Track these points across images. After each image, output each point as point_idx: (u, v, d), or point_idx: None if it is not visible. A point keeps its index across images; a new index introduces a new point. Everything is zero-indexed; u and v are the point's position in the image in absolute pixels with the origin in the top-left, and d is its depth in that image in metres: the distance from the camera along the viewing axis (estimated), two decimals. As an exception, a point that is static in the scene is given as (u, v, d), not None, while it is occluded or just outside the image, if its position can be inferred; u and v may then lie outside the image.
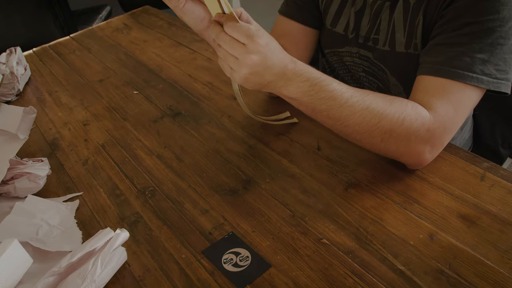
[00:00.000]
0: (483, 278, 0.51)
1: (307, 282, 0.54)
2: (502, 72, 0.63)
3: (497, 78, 0.63)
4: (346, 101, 0.61)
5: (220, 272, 0.57)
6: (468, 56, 0.62)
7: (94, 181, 0.76)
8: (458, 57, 0.63)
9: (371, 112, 0.61)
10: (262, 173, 0.71)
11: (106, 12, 2.13)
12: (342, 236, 0.59)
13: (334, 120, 0.62)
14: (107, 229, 0.57)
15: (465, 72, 0.62)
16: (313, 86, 0.60)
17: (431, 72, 0.65)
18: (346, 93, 0.61)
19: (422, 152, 0.63)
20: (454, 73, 0.62)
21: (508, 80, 0.64)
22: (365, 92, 0.62)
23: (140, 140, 0.84)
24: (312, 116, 0.65)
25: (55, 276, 0.54)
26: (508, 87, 0.64)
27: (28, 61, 1.19)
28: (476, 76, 0.62)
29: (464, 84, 0.62)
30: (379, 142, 0.63)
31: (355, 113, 0.61)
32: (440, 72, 0.64)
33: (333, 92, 0.61)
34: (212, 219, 0.65)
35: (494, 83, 0.63)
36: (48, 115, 0.98)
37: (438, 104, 0.63)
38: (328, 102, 0.61)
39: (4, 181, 0.73)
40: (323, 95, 0.60)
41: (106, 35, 1.33)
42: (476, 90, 0.63)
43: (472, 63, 0.62)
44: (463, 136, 0.91)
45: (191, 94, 0.96)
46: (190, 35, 1.23)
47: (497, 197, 0.60)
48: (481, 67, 0.62)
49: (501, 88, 0.63)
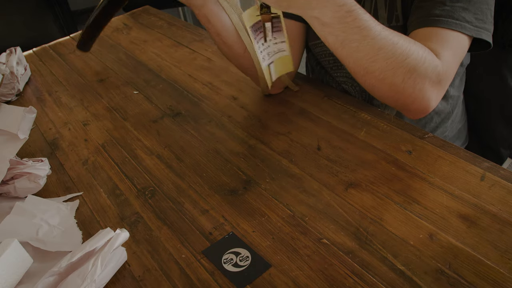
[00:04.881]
0: (483, 278, 0.51)
1: (307, 282, 0.54)
2: (480, 21, 0.65)
3: (477, 26, 0.65)
4: (379, 33, 0.58)
5: (220, 272, 0.57)
6: (448, 6, 0.65)
7: (94, 181, 0.76)
8: (438, 8, 0.65)
9: (400, 47, 0.59)
10: (262, 173, 0.71)
11: (106, 12, 2.13)
12: (342, 236, 0.59)
13: (363, 53, 0.59)
14: (107, 229, 0.57)
15: (448, 19, 0.64)
16: (350, 13, 0.56)
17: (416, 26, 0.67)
18: (378, 26, 0.58)
19: (431, 98, 0.64)
20: (438, 21, 0.65)
21: (487, 30, 0.66)
22: (390, 29, 0.60)
23: (140, 140, 0.84)
24: (338, 49, 0.60)
25: (55, 276, 0.54)
26: (489, 36, 0.67)
27: (28, 61, 1.19)
28: (459, 23, 0.64)
29: (451, 30, 0.65)
30: (400, 82, 0.61)
31: (386, 47, 0.59)
32: (424, 22, 0.66)
33: (368, 22, 0.57)
34: (212, 219, 0.65)
35: (476, 30, 0.65)
36: (48, 115, 0.98)
37: (440, 49, 0.64)
38: (362, 31, 0.57)
39: (4, 181, 0.73)
40: (358, 23, 0.57)
41: (106, 35, 1.33)
42: (462, 36, 0.66)
43: (452, 10, 0.65)
44: (454, 125, 0.92)
45: (191, 94, 0.96)
46: (190, 35, 1.23)
47: (497, 197, 0.60)
48: (462, 14, 0.65)
49: (482, 35, 0.66)
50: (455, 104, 0.89)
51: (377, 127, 0.76)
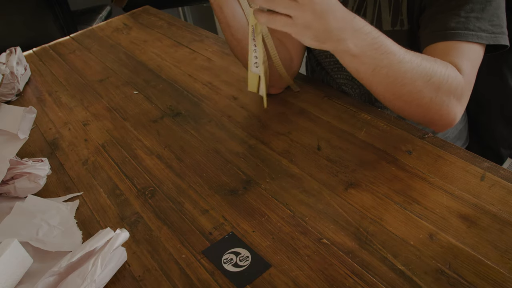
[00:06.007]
0: (483, 278, 0.51)
1: (307, 282, 0.54)
2: (497, 27, 0.67)
3: (494, 32, 0.67)
4: (404, 57, 0.60)
5: (220, 272, 0.57)
6: (463, 17, 0.66)
7: (94, 181, 0.76)
8: (453, 20, 0.66)
9: (424, 68, 0.61)
10: (262, 173, 0.71)
11: (106, 12, 2.13)
12: (342, 236, 0.59)
13: (392, 78, 0.61)
14: (107, 229, 0.57)
15: (464, 31, 0.65)
16: (375, 39, 0.58)
17: (433, 40, 0.68)
18: (401, 49, 0.60)
19: (457, 112, 0.66)
20: (454, 34, 0.66)
21: (504, 33, 0.68)
22: (411, 51, 0.62)
23: (140, 140, 0.84)
24: (369, 78, 0.63)
25: (55, 276, 0.54)
26: (506, 39, 0.68)
27: (28, 61, 1.19)
28: (476, 33, 0.66)
29: (467, 42, 0.66)
30: (427, 102, 0.64)
31: (412, 70, 0.61)
32: (441, 36, 0.67)
33: (392, 47, 0.60)
34: (212, 219, 0.65)
35: (492, 37, 0.66)
36: (48, 115, 0.98)
37: (460, 63, 0.65)
38: (389, 56, 0.59)
39: (4, 181, 0.73)
40: (384, 49, 0.59)
41: (106, 35, 1.33)
42: (478, 46, 0.67)
43: (467, 22, 0.66)
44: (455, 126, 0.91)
45: (191, 94, 0.96)
46: (190, 35, 1.23)
47: (497, 197, 0.60)
48: (477, 25, 0.66)
49: (500, 41, 0.67)
50: None
51: (377, 127, 0.76)
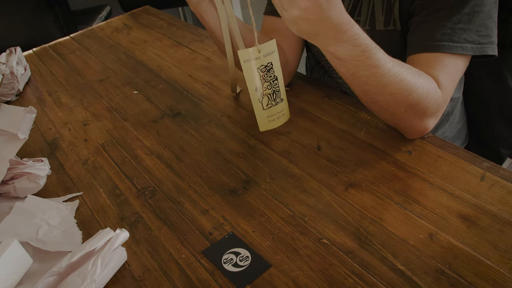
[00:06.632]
0: (483, 278, 0.51)
1: (307, 282, 0.54)
2: (484, 37, 0.67)
3: (480, 43, 0.67)
4: (388, 71, 0.61)
5: (220, 272, 0.57)
6: (449, 28, 0.66)
7: (94, 181, 0.76)
8: (439, 31, 0.67)
9: (406, 84, 0.62)
10: (262, 173, 0.71)
11: (106, 12, 2.13)
12: (342, 236, 0.59)
13: (370, 87, 0.62)
14: (107, 229, 0.57)
15: (449, 43, 0.66)
16: (363, 53, 0.59)
17: (417, 50, 0.69)
18: (388, 63, 0.61)
19: (429, 124, 0.68)
20: (439, 46, 0.66)
21: (492, 43, 0.68)
22: (400, 63, 0.63)
23: (140, 140, 0.84)
24: (348, 79, 0.64)
25: (55, 276, 0.54)
26: (494, 49, 0.68)
27: (28, 61, 1.19)
28: (460, 45, 0.66)
29: (451, 54, 0.67)
30: (402, 113, 0.65)
31: (393, 84, 0.61)
32: (425, 47, 0.68)
33: (380, 61, 0.60)
34: (212, 219, 0.65)
35: (479, 48, 0.67)
36: (48, 115, 0.98)
37: (441, 77, 0.66)
38: (372, 69, 0.60)
39: (4, 181, 0.73)
40: (369, 62, 0.59)
41: (106, 35, 1.33)
42: (462, 58, 0.68)
43: (453, 33, 0.66)
44: (453, 125, 0.92)
45: (191, 94, 0.96)
46: (190, 35, 1.23)
47: (497, 197, 0.60)
48: (463, 36, 0.66)
49: (486, 51, 0.67)
50: (454, 106, 0.89)
51: (377, 127, 0.76)
